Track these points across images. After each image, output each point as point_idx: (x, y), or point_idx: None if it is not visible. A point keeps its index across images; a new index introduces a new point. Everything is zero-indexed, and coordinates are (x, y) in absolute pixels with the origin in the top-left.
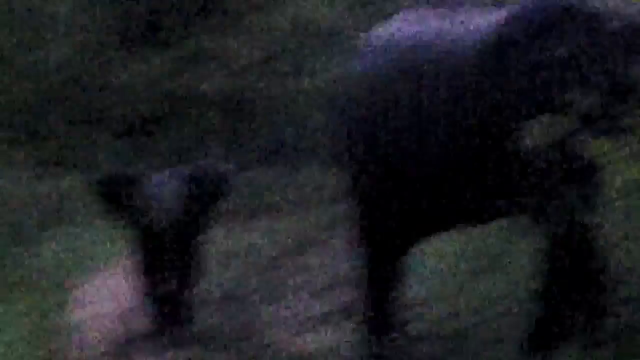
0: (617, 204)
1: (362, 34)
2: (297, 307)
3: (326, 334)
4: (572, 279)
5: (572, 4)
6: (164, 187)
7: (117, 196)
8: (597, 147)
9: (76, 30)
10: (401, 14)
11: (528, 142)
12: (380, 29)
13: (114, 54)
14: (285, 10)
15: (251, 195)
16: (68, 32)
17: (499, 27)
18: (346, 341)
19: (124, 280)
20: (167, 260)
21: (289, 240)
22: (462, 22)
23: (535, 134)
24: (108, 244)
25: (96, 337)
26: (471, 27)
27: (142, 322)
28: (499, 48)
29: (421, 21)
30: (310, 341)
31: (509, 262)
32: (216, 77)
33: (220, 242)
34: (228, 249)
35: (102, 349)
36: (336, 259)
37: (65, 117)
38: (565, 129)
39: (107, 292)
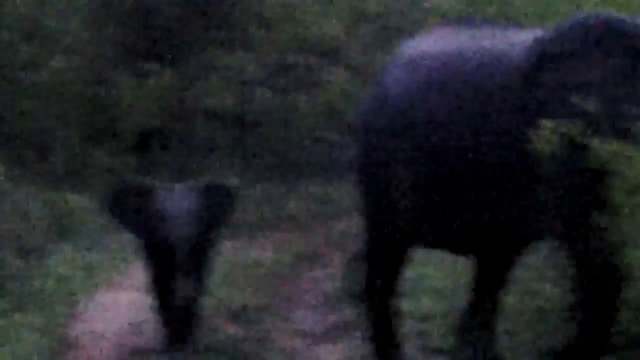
0: (626, 205)
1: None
2: (303, 321)
3: (334, 347)
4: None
5: (611, 21)
6: (174, 200)
7: (127, 209)
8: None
9: (83, 46)
10: (433, 30)
11: (538, 148)
12: (412, 43)
13: (121, 69)
14: (291, 27)
15: (257, 210)
16: (75, 48)
17: (538, 45)
18: (352, 357)
19: (131, 295)
20: (177, 275)
21: (295, 254)
22: (497, 39)
23: (545, 139)
24: (116, 258)
25: (103, 352)
26: (507, 45)
27: (150, 337)
28: (538, 65)
29: (453, 37)
30: (316, 356)
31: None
32: (222, 92)
33: (227, 256)
34: (235, 263)
35: None
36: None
37: (73, 132)
38: (575, 132)
39: (115, 307)
